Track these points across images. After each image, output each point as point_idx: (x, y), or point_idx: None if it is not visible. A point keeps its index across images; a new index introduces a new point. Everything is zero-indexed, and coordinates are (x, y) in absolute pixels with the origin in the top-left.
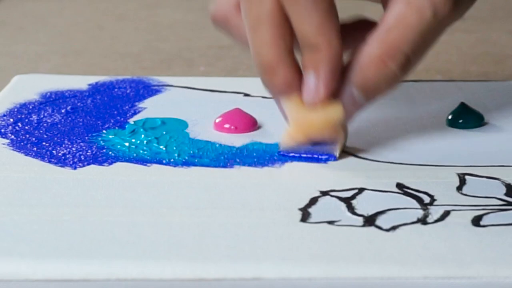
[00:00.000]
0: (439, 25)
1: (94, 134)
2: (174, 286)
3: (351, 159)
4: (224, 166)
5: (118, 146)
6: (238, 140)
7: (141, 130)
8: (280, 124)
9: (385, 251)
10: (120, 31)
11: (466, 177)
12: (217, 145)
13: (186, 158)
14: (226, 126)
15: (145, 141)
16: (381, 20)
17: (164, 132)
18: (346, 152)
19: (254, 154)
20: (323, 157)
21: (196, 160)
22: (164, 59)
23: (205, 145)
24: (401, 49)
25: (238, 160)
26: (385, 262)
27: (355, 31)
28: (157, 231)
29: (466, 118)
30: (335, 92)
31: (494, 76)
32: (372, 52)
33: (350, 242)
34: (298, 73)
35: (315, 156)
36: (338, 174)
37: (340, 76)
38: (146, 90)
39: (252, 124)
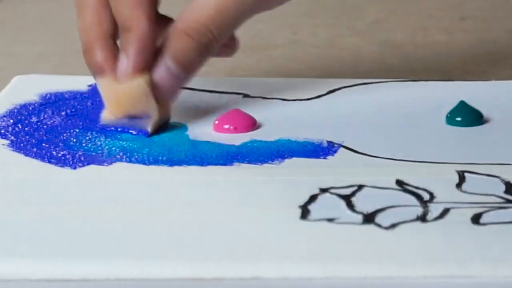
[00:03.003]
0: (244, 8)
1: (94, 135)
2: (174, 286)
3: (350, 155)
4: (224, 164)
5: (117, 148)
6: (237, 140)
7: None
8: (280, 124)
9: (385, 250)
10: None
11: (466, 174)
12: (216, 144)
13: (186, 158)
14: (226, 126)
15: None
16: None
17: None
18: (346, 148)
19: (254, 151)
20: (136, 132)
21: (196, 160)
22: None
23: (204, 145)
24: (203, 23)
25: (237, 157)
26: (385, 262)
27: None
28: (156, 230)
29: (466, 116)
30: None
31: (494, 76)
32: (178, 27)
33: (350, 240)
34: (114, 55)
35: (130, 131)
36: (338, 171)
37: (152, 55)
38: None
39: (252, 124)
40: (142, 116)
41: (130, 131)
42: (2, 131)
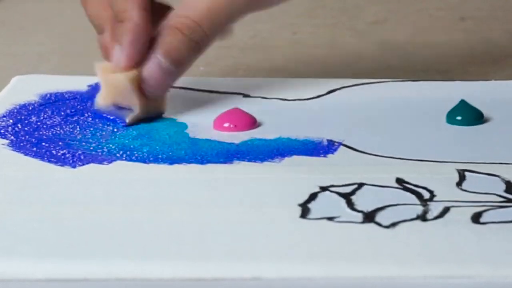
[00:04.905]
0: (236, 7)
1: (93, 134)
2: (174, 286)
3: (350, 154)
4: (224, 162)
5: (117, 146)
6: (237, 138)
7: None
8: (280, 123)
9: (385, 249)
10: None
11: (466, 173)
12: (216, 142)
13: (186, 156)
14: (226, 125)
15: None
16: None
17: (165, 134)
18: (346, 146)
19: (254, 149)
20: (118, 120)
21: (196, 158)
22: None
23: (204, 143)
24: (195, 20)
25: (237, 155)
26: (385, 261)
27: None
28: (156, 230)
29: (466, 115)
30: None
31: (494, 76)
32: (171, 23)
33: (350, 239)
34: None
35: (116, 118)
36: (338, 169)
37: (144, 47)
38: None
39: (252, 123)
40: (128, 108)
41: (118, 118)
42: (2, 131)
